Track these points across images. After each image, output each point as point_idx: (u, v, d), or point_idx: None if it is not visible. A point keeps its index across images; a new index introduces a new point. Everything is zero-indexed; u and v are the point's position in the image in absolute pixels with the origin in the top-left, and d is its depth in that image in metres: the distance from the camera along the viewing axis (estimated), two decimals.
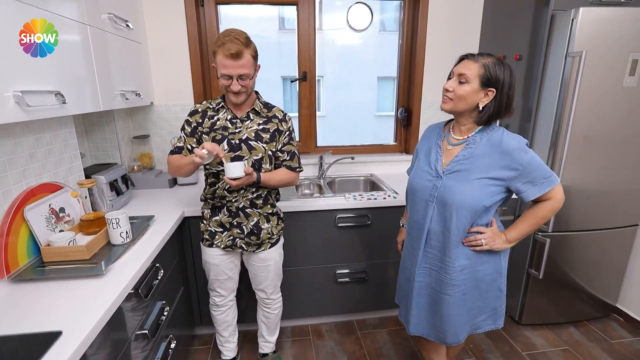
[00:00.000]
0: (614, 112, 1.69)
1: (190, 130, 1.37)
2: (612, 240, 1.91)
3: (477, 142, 1.14)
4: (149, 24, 1.96)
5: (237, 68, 1.21)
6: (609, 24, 1.57)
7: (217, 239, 1.44)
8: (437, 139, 1.26)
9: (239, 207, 1.39)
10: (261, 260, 1.49)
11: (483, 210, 1.15)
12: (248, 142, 1.34)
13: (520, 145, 1.09)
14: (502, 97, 1.08)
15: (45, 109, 1.04)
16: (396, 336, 1.98)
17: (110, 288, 1.01)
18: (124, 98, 1.57)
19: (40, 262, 1.12)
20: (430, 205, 1.20)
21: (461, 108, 1.12)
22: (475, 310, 1.26)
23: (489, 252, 1.19)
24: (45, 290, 1.00)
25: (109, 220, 1.21)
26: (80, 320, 0.87)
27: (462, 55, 1.14)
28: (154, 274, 1.29)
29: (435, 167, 1.21)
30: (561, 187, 1.13)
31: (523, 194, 1.12)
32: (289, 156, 1.43)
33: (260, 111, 1.38)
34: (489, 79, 1.06)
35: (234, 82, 1.23)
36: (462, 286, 1.21)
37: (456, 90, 1.10)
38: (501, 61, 1.09)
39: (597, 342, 1.92)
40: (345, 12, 2.27)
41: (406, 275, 1.36)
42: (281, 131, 1.39)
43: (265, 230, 1.44)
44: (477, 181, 1.12)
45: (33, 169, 1.24)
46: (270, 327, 1.69)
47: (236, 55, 1.19)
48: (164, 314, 1.35)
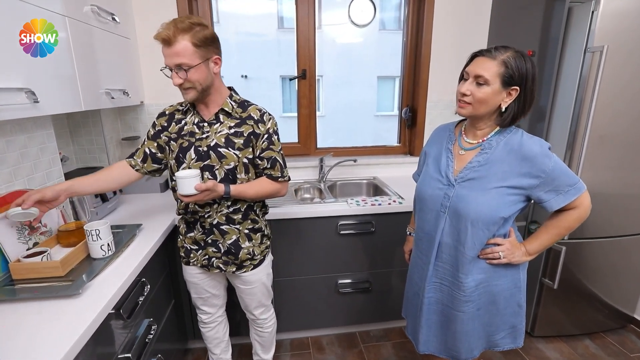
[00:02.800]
0: (635, 110, 1.58)
1: (154, 133, 1.23)
2: (631, 247, 1.80)
3: (494, 147, 1.02)
4: (139, 19, 1.85)
5: (172, 56, 1.03)
6: (633, 15, 1.46)
7: (192, 257, 1.30)
8: (447, 143, 1.14)
9: (212, 224, 1.22)
10: (245, 283, 1.32)
11: (501, 222, 1.04)
12: (217, 150, 1.14)
13: (542, 150, 0.97)
14: (526, 94, 0.97)
15: (14, 108, 0.93)
16: (401, 349, 1.86)
17: (87, 309, 0.90)
18: (109, 97, 1.46)
19: (9, 280, 1.00)
20: (441, 217, 1.09)
21: (482, 112, 1.00)
22: (492, 327, 1.15)
23: (506, 265, 1.08)
24: (11, 311, 0.89)
25: (88, 232, 1.09)
26: (52, 347, 0.76)
27: (475, 52, 1.01)
28: (139, 290, 1.17)
29: (447, 174, 1.09)
30: (588, 194, 1.02)
31: (546, 203, 1.01)
32: (269, 164, 1.21)
33: (232, 112, 1.18)
34: (512, 77, 0.94)
35: (172, 74, 1.07)
36: (477, 301, 1.10)
37: (475, 94, 0.97)
38: (521, 53, 0.97)
39: (615, 355, 1.81)
40: (346, 9, 2.16)
41: (414, 290, 1.25)
42: (258, 134, 1.17)
43: (245, 249, 1.26)
44: (494, 190, 1.00)
45: (2, 175, 1.12)
46: (265, 345, 1.56)
47: (166, 41, 1.02)
48: (151, 332, 1.24)
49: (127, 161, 1.25)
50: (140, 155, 1.24)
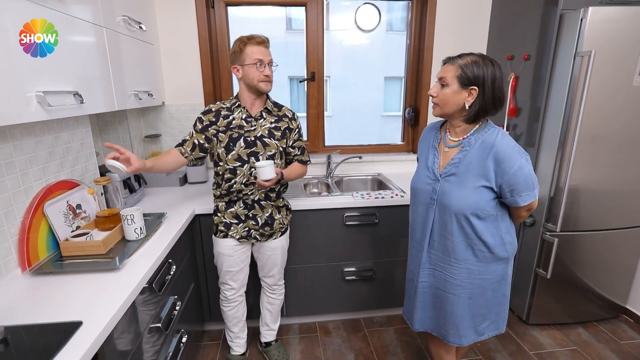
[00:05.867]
0: (623, 111, 1.68)
1: (201, 127, 1.44)
2: (621, 241, 1.90)
3: (472, 145, 1.15)
4: (161, 26, 2.01)
5: (268, 54, 1.37)
6: (618, 23, 1.57)
7: (233, 230, 1.49)
8: (433, 141, 1.28)
9: (254, 200, 1.47)
10: (271, 249, 1.58)
11: (490, 214, 1.15)
12: (262, 139, 1.43)
13: (511, 152, 1.08)
14: (485, 93, 1.09)
15: (65, 108, 1.08)
16: (403, 334, 1.99)
17: (125, 282, 1.05)
18: (137, 98, 1.61)
19: (59, 256, 1.16)
20: (431, 208, 1.22)
21: (449, 111, 1.15)
22: (480, 318, 1.27)
23: (495, 259, 1.19)
24: (64, 282, 1.04)
25: (124, 217, 1.25)
26: (99, 312, 0.90)
27: (444, 59, 1.18)
28: (167, 269, 1.32)
29: (433, 170, 1.23)
30: (537, 201, 1.16)
31: (506, 200, 1.15)
32: (300, 151, 1.55)
33: (272, 110, 1.48)
34: (468, 78, 1.09)
35: (267, 67, 1.36)
36: (469, 289, 1.22)
37: (439, 95, 1.15)
38: (482, 58, 1.11)
39: (606, 342, 1.91)
40: (353, 13, 2.29)
41: (409, 277, 1.38)
42: (291, 129, 1.50)
43: (277, 220, 1.54)
44: (472, 185, 1.13)
45: (52, 167, 1.29)
46: (274, 313, 1.75)
47: (265, 42, 1.37)
48: (176, 308, 1.39)
49: (178, 149, 1.45)
50: (189, 145, 1.45)
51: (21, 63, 0.90)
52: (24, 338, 0.82)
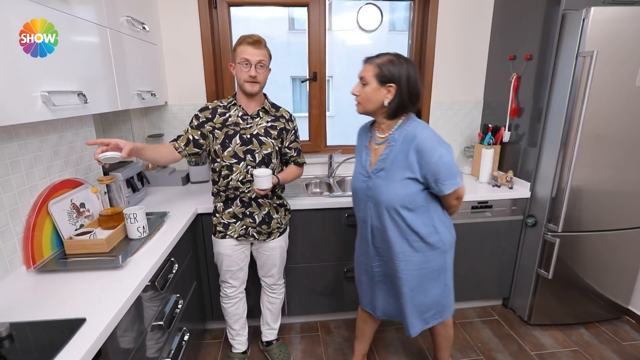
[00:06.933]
0: (625, 111, 1.68)
1: (197, 124, 1.46)
2: (623, 242, 1.89)
3: (397, 140, 1.20)
4: (164, 26, 2.02)
5: (256, 55, 1.35)
6: (620, 23, 1.56)
7: (231, 229, 1.51)
8: (364, 140, 1.34)
9: (251, 198, 1.47)
10: (270, 249, 1.58)
11: (420, 205, 1.19)
12: (258, 137, 1.44)
13: (431, 144, 1.13)
14: (402, 89, 1.14)
15: (69, 108, 1.09)
16: (404, 333, 1.99)
17: (128, 280, 1.06)
18: (140, 98, 1.62)
19: (63, 254, 1.17)
20: (368, 205, 1.27)
21: (370, 108, 1.20)
22: (424, 307, 1.32)
23: (431, 247, 1.24)
24: (68, 280, 1.05)
25: (127, 215, 1.26)
26: (102, 309, 0.91)
27: (363, 59, 1.22)
28: (169, 267, 1.34)
29: (366, 168, 1.28)
30: (464, 189, 1.20)
31: (433, 190, 1.18)
32: (296, 152, 1.57)
33: (269, 110, 1.49)
34: (385, 76, 1.14)
35: (252, 67, 1.34)
36: (409, 280, 1.27)
37: (361, 93, 1.20)
38: (397, 57, 1.16)
39: (608, 343, 1.90)
40: (355, 13, 2.29)
41: (363, 268, 1.42)
42: (288, 130, 1.51)
43: (275, 220, 1.54)
44: (399, 179, 1.18)
45: (56, 166, 1.30)
46: (275, 312, 1.76)
47: (257, 42, 1.35)
48: (178, 307, 1.40)
49: (171, 144, 1.46)
50: (183, 140, 1.46)
51: (22, 63, 0.91)
52: (29, 334, 0.84)
